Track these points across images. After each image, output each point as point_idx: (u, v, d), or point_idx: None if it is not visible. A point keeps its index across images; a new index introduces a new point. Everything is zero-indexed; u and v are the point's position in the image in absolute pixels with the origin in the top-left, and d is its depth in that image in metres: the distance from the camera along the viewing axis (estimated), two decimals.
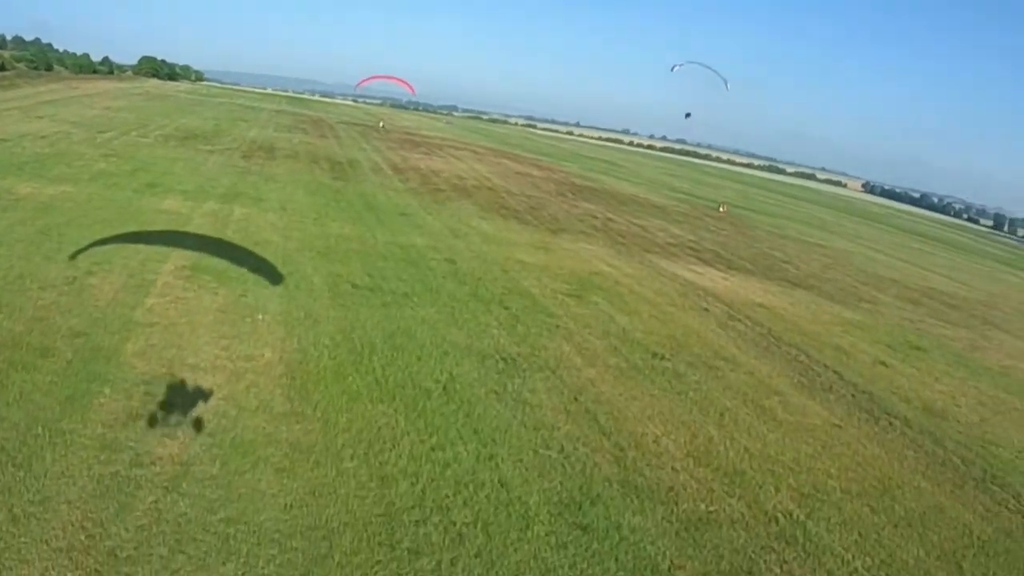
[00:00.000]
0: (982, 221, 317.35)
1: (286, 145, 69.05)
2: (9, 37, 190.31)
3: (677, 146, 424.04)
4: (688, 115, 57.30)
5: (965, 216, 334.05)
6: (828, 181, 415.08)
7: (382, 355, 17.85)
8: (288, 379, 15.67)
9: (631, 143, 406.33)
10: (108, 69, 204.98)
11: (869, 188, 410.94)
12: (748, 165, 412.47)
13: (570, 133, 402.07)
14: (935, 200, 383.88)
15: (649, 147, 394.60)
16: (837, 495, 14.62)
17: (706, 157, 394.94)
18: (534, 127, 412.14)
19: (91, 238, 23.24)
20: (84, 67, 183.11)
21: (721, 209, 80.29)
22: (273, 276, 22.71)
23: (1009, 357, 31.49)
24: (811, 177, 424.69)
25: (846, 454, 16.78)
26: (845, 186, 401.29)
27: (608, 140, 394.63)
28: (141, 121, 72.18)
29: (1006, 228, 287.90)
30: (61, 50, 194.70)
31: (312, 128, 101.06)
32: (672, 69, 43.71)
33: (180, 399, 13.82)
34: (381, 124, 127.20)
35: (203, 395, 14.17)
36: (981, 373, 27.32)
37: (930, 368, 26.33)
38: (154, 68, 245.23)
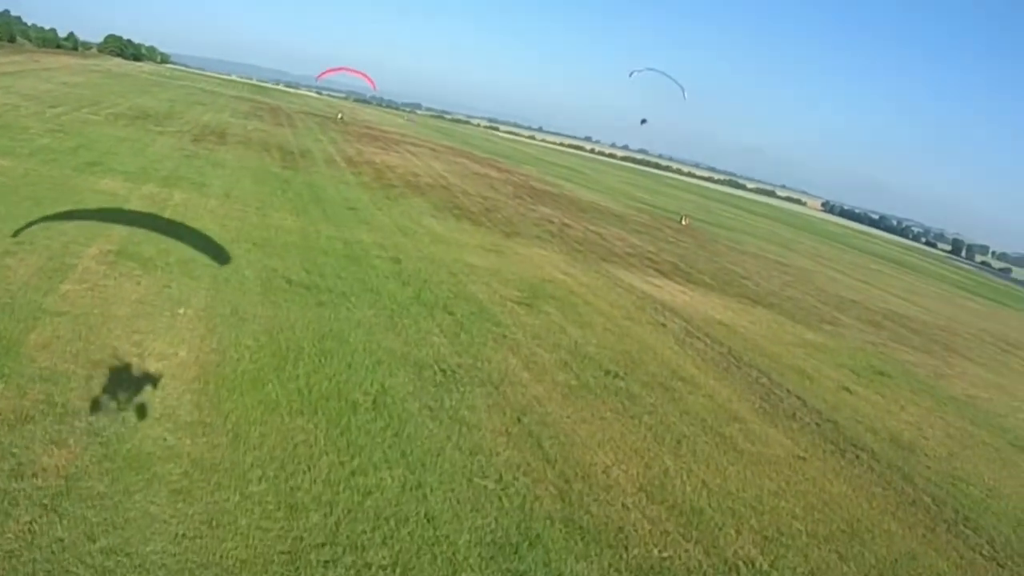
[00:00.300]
0: (940, 245, 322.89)
1: (240, 131, 67.18)
2: None
3: (638, 156, 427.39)
4: (644, 121, 56.32)
5: (923, 240, 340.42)
6: (788, 198, 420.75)
7: (309, 361, 16.21)
8: (201, 383, 13.98)
9: (592, 151, 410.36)
10: (72, 45, 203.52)
11: (828, 207, 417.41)
12: (708, 179, 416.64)
13: (532, 137, 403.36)
14: (894, 222, 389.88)
15: (610, 155, 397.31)
16: (803, 539, 13.22)
17: (667, 168, 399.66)
18: (497, 129, 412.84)
19: (17, 215, 21.56)
20: (48, 41, 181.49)
21: (684, 221, 79.82)
22: (202, 267, 21.07)
23: (973, 386, 30.66)
24: (771, 194, 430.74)
25: (811, 491, 15.41)
26: (804, 204, 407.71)
27: (570, 146, 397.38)
28: (95, 98, 70.32)
29: (963, 253, 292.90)
30: (29, 23, 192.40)
31: (269, 116, 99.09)
32: (631, 75, 43.16)
33: (79, 399, 12.24)
34: (340, 116, 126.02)
35: (105, 396, 12.52)
36: (947, 403, 26.31)
37: (895, 396, 25.23)
38: (119, 47, 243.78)
